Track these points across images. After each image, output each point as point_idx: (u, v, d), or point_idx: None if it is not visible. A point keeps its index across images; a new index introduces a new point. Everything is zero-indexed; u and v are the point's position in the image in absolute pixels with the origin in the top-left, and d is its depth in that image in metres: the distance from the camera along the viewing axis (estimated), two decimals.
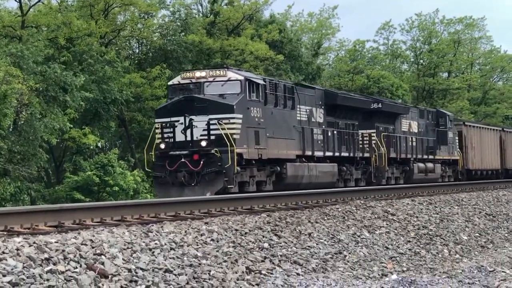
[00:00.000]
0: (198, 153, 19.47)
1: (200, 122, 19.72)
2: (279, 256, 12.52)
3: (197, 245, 11.62)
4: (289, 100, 23.29)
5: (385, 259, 15.06)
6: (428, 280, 12.49)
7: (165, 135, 20.21)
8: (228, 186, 19.20)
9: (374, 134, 28.00)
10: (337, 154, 25.90)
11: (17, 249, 8.57)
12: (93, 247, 9.56)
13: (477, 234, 20.51)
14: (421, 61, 65.10)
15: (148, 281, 9.31)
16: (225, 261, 11.31)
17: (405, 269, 14.76)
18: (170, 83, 22.52)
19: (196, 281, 10.08)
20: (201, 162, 19.23)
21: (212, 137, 19.50)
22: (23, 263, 8.26)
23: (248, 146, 20.24)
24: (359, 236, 15.88)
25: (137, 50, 42.87)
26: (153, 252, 10.48)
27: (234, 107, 19.77)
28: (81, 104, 31.07)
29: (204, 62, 38.83)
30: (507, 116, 66.05)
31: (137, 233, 11.20)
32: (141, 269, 9.60)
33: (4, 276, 7.84)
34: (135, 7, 38.27)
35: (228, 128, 19.39)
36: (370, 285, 11.67)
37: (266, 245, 12.76)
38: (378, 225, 17.55)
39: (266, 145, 21.19)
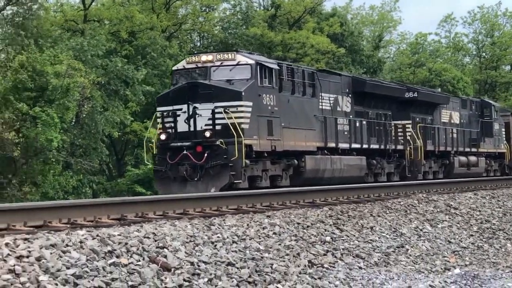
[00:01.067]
0: (201, 145, 18.00)
1: (204, 110, 18.18)
2: (341, 250, 12.88)
3: (259, 239, 11.79)
4: (310, 87, 21.81)
5: (447, 253, 15.28)
6: (492, 275, 12.63)
7: (167, 125, 18.72)
8: (235, 181, 17.79)
9: (410, 125, 26.61)
10: (365, 146, 24.39)
11: (81, 242, 8.72)
12: (155, 240, 9.70)
13: None
14: (484, 54, 64.25)
15: (211, 274, 9.36)
16: (287, 255, 11.47)
17: (467, 263, 14.88)
18: (174, 68, 20.99)
19: (258, 275, 10.17)
20: (205, 155, 17.74)
21: (218, 127, 17.92)
22: (87, 256, 8.37)
23: (259, 136, 18.71)
24: (421, 230, 16.15)
25: (199, 44, 43.32)
26: (215, 246, 10.60)
27: (243, 93, 18.19)
28: (141, 98, 31.56)
29: (266, 55, 39.40)
30: None
31: (199, 226, 11.40)
32: (204, 262, 9.69)
33: (68, 268, 7.92)
34: (196, 0, 39.13)
35: (236, 117, 17.87)
36: (433, 279, 11.93)
37: (328, 238, 13.17)
38: (441, 219, 17.70)
39: (281, 136, 19.66)
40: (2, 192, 26.45)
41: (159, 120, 19.04)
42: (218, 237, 10.99)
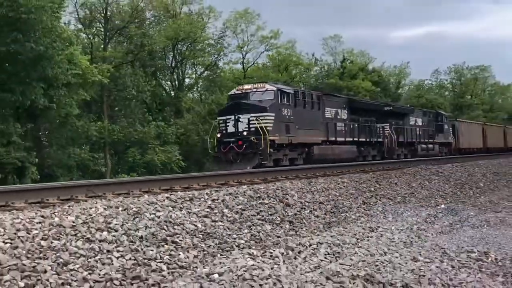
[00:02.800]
0: (241, 140, 22.81)
1: (244, 118, 23.07)
2: (380, 195, 18.04)
3: (336, 189, 16.53)
4: (316, 104, 27.24)
5: (437, 196, 20.92)
6: (462, 207, 18.05)
7: (222, 128, 23.74)
8: (263, 162, 22.19)
9: (388, 127, 33.96)
10: (356, 139, 30.35)
11: (244, 192, 13.26)
12: (282, 190, 14.51)
13: (489, 183, 27.26)
14: (455, 90, 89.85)
15: (310, 208, 14.00)
16: (351, 198, 16.19)
17: (448, 202, 20.05)
18: (229, 93, 26.86)
19: (336, 208, 14.82)
20: (244, 146, 22.58)
21: (252, 129, 22.68)
22: (246, 199, 12.69)
23: (279, 134, 23.43)
24: (423, 184, 22.45)
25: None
26: (313, 193, 15.24)
27: (267, 108, 23.19)
28: None
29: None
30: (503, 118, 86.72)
31: (304, 183, 16.29)
32: (307, 202, 14.31)
33: (237, 205, 12.05)
34: (301, 66, 60.42)
35: (263, 123, 22.61)
36: (430, 210, 17.03)
37: (372, 189, 18.48)
38: (433, 178, 24.21)
39: (295, 134, 24.60)
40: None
41: (219, 125, 24.10)
42: (314, 188, 15.74)
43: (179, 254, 8.89)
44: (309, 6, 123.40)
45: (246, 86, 25.49)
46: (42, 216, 8.74)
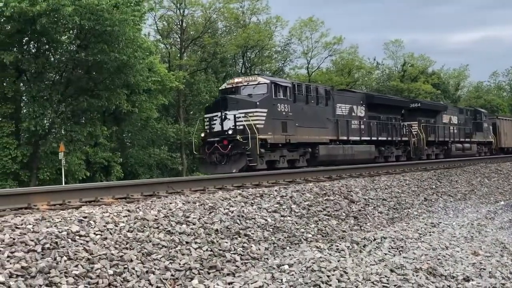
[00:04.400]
0: (227, 139, 19.30)
1: (231, 115, 19.44)
2: (441, 192, 17.61)
3: (398, 187, 16.29)
4: (323, 99, 23.21)
5: (497, 193, 20.23)
6: None
7: (211, 126, 20.16)
8: (251, 164, 18.78)
9: (416, 125, 30.24)
10: (374, 138, 26.46)
11: (310, 189, 13.40)
12: (346, 187, 14.50)
13: None
14: None
15: (374, 204, 13.90)
16: (413, 195, 15.92)
17: (508, 199, 19.44)
18: (220, 88, 23.41)
19: (398, 204, 14.66)
20: (229, 146, 19.07)
21: (240, 127, 19.18)
22: (313, 195, 12.82)
23: (273, 133, 19.81)
24: (482, 182, 21.72)
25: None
26: (376, 190, 15.13)
27: (257, 103, 19.56)
28: None
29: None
30: None
31: (368, 181, 16.18)
32: (371, 198, 14.24)
33: (305, 201, 12.02)
34: (363, 69, 58.09)
35: (252, 120, 19.10)
36: (489, 207, 16.48)
37: (433, 186, 18.12)
38: (492, 176, 23.51)
39: (295, 132, 20.87)
40: None
41: (205, 123, 20.69)
42: (377, 185, 15.61)
43: (251, 246, 8.97)
44: (370, 14, 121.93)
45: (236, 80, 21.84)
46: (128, 210, 8.98)
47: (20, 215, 8.25)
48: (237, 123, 19.34)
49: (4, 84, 26.35)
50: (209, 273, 7.68)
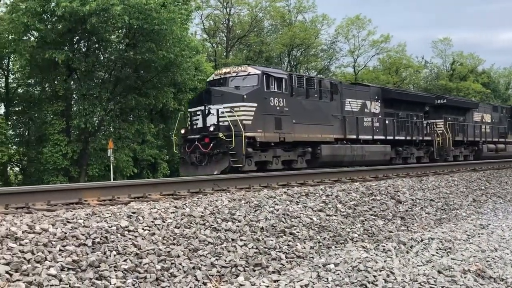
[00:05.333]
0: (208, 137, 17.41)
1: (215, 110, 17.52)
2: (490, 193, 17.16)
3: (447, 187, 16.06)
4: (327, 93, 21.06)
5: None
6: None
7: (193, 122, 18.37)
8: (235, 166, 16.89)
9: (441, 123, 27.88)
10: (390, 137, 24.11)
11: (357, 188, 13.50)
12: (393, 187, 14.39)
13: None
14: None
15: (421, 204, 13.68)
16: (461, 195, 15.64)
17: None
18: (208, 79, 21.06)
19: (446, 205, 14.44)
20: (211, 145, 17.21)
21: (226, 123, 17.19)
22: (359, 195, 12.89)
23: (264, 130, 17.92)
24: None
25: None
26: (424, 191, 14.94)
27: (244, 96, 17.67)
28: None
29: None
30: None
31: (415, 181, 15.99)
32: (418, 199, 14.05)
33: (351, 201, 12.21)
34: (411, 68, 57.61)
35: (239, 115, 17.26)
36: None
37: (483, 187, 17.60)
38: None
39: (291, 129, 18.88)
40: None
41: (188, 119, 18.95)
42: (425, 186, 15.41)
43: (297, 245, 8.98)
44: (418, 11, 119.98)
45: (225, 70, 19.59)
46: (175, 207, 9.12)
47: (71, 210, 8.47)
48: (221, 119, 17.44)
49: (56, 82, 27.04)
50: (254, 271, 7.74)
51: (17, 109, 29.82)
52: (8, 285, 5.65)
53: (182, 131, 18.67)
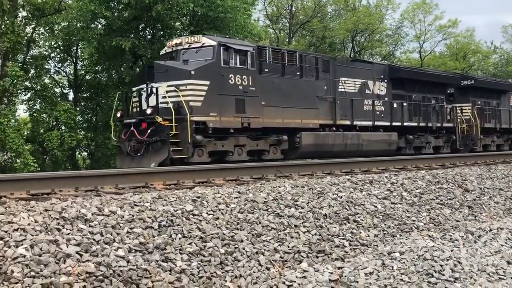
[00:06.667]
0: (146, 122, 14.83)
1: (160, 89, 15.02)
2: None
3: None
4: (312, 70, 18.36)
5: None
6: None
7: (134, 104, 15.93)
8: (176, 157, 14.45)
9: (468, 107, 24.90)
10: (397, 123, 21.09)
11: (422, 176, 13.01)
12: (461, 176, 14.02)
13: None
14: None
15: (490, 194, 13.16)
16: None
17: None
18: (161, 52, 18.05)
19: None
20: (148, 131, 14.65)
21: (170, 105, 14.64)
22: (425, 183, 12.38)
23: (219, 114, 15.41)
24: None
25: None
26: (492, 179, 14.48)
27: (192, 72, 15.07)
28: None
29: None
30: None
31: (483, 169, 15.53)
32: (487, 188, 13.57)
33: (416, 189, 11.69)
34: (480, 54, 55.38)
35: (184, 95, 14.76)
36: None
37: None
38: None
39: (259, 113, 16.39)
40: None
41: (126, 100, 16.94)
42: (494, 174, 14.93)
43: (360, 232, 8.91)
44: None
45: (176, 41, 16.79)
46: (239, 192, 9.21)
47: (138, 193, 8.68)
48: (162, 100, 14.88)
49: (122, 69, 27.66)
50: (317, 257, 7.74)
51: (85, 95, 30.75)
52: (79, 265, 5.84)
53: (118, 114, 16.06)
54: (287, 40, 43.58)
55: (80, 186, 9.00)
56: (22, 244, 5.84)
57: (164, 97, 14.81)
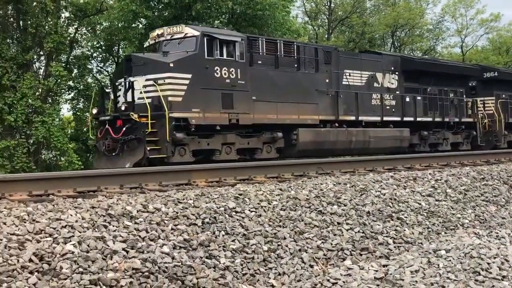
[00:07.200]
0: (121, 118, 13.91)
1: (136, 83, 14.14)
2: None
3: None
4: (312, 62, 17.28)
5: None
6: None
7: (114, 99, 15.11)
8: (152, 157, 13.52)
9: (491, 102, 23.26)
10: (409, 118, 19.80)
11: (467, 173, 12.78)
12: (506, 172, 13.45)
13: None
14: None
15: None
16: None
17: None
18: (145, 45, 17.33)
19: None
20: (123, 129, 13.68)
21: (146, 100, 13.61)
22: (469, 180, 12.10)
23: (203, 110, 14.41)
24: None
25: None
26: None
27: (171, 65, 14.10)
28: None
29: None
30: None
31: None
32: None
33: (461, 186, 11.46)
34: None
35: (162, 90, 13.84)
36: None
37: None
38: None
39: (249, 109, 15.35)
40: None
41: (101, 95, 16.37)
42: None
43: (405, 230, 8.79)
44: None
45: (158, 31, 15.73)
46: (280, 189, 9.20)
47: (181, 190, 8.77)
48: (138, 95, 14.00)
49: None
50: (361, 255, 7.67)
51: None
52: (125, 261, 5.92)
53: (94, 111, 15.17)
54: (326, 36, 43.36)
55: (124, 184, 9.14)
56: (70, 241, 5.94)
57: (142, 92, 13.88)
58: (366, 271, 6.67)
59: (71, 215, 6.55)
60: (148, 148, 13.51)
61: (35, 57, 25.43)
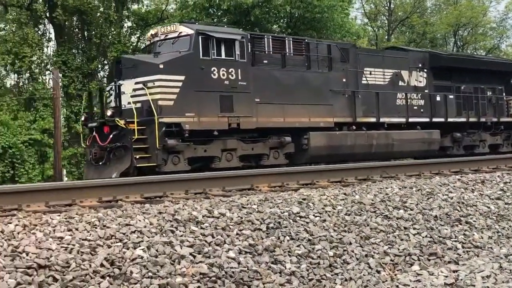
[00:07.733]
0: (107, 125, 13.18)
1: (124, 87, 13.42)
2: None
3: None
4: (324, 62, 16.17)
5: None
6: None
7: (106, 104, 14.25)
8: (140, 166, 12.67)
9: None
10: (438, 119, 18.32)
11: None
12: None
13: None
14: None
15: None
16: None
17: None
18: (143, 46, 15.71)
19: None
20: (110, 137, 12.97)
21: (133, 105, 12.81)
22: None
23: (198, 114, 13.47)
24: None
25: None
26: None
27: (160, 66, 13.24)
28: None
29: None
30: None
31: None
32: None
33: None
34: None
35: (152, 93, 12.96)
36: None
37: None
38: None
39: (252, 112, 14.34)
40: None
41: (93, 100, 15.61)
42: None
43: (473, 234, 8.54)
44: None
45: (153, 31, 15.04)
46: (345, 194, 9.12)
47: (245, 195, 8.82)
48: (137, 99, 13.13)
49: None
50: (429, 260, 7.49)
51: None
52: (193, 266, 5.99)
53: (83, 118, 14.59)
54: (386, 37, 42.81)
55: (189, 189, 9.26)
56: (139, 246, 6.06)
57: (132, 96, 13.08)
58: (436, 277, 6.52)
59: (140, 221, 6.68)
60: (137, 156, 12.75)
61: (99, 66, 26.20)
